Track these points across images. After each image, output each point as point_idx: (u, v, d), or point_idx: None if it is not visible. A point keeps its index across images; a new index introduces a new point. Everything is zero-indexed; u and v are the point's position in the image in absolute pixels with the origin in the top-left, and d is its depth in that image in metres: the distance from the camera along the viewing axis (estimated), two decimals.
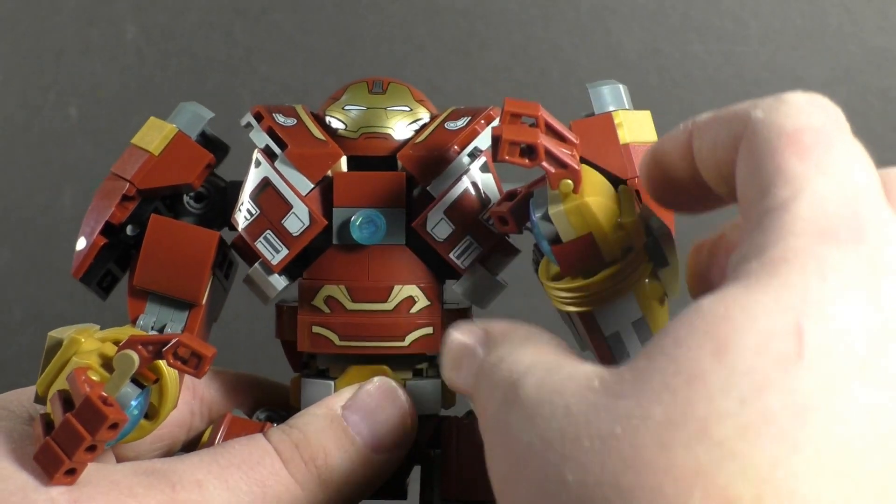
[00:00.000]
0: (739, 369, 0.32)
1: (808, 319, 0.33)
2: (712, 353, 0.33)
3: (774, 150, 0.36)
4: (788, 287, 0.34)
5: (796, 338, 0.33)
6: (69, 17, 0.99)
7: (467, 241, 0.51)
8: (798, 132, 0.36)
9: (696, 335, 0.33)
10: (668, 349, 0.34)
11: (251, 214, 0.51)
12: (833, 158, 0.36)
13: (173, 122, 0.52)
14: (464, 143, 0.51)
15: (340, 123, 0.52)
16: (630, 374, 0.34)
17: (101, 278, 0.53)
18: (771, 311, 0.33)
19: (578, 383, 0.36)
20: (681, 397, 0.33)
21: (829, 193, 0.35)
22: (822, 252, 0.34)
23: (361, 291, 0.51)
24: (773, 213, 0.35)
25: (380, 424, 0.49)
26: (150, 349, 0.45)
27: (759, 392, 0.32)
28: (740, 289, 0.34)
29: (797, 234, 0.34)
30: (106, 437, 0.43)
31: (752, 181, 0.37)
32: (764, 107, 0.38)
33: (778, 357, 0.32)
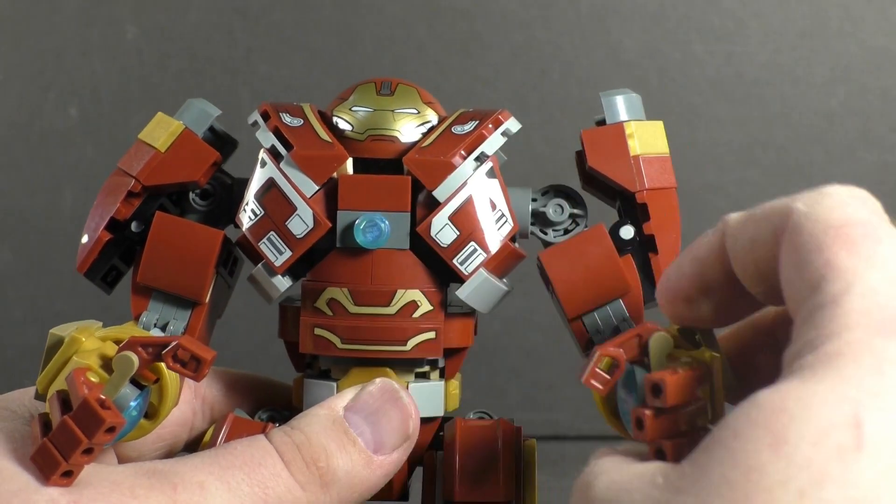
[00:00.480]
0: (797, 462, 0.33)
1: (866, 411, 0.33)
2: (770, 446, 0.33)
3: (822, 244, 0.36)
4: (845, 379, 0.34)
5: (855, 430, 0.33)
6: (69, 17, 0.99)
7: (471, 247, 0.51)
8: (845, 226, 0.37)
9: (753, 427, 0.34)
10: (727, 441, 0.34)
11: (255, 215, 0.51)
12: (882, 251, 0.36)
13: (180, 118, 0.52)
14: (470, 148, 0.51)
15: (347, 125, 0.52)
16: (690, 468, 0.35)
17: (105, 273, 0.53)
18: (828, 403, 0.33)
19: (643, 480, 0.36)
20: (739, 491, 0.33)
21: (881, 286, 0.35)
22: (878, 345, 0.34)
23: (364, 295, 0.51)
24: (825, 308, 0.35)
25: (382, 426, 0.49)
26: (150, 351, 0.45)
27: (817, 485, 0.32)
28: (797, 381, 0.34)
29: (851, 327, 0.35)
30: (103, 441, 0.43)
31: (801, 277, 0.37)
32: (805, 201, 0.38)
33: (836, 449, 0.33)
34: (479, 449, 0.51)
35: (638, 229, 0.51)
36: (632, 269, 0.51)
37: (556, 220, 0.52)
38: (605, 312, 0.51)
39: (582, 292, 0.50)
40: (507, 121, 0.52)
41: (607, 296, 0.51)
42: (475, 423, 0.52)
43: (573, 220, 0.53)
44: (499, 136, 0.51)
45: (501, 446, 0.51)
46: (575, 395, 0.97)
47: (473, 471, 0.50)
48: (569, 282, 0.51)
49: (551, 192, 0.53)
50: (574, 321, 0.51)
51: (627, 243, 0.51)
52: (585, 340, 0.51)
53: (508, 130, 0.52)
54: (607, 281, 0.50)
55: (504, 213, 0.51)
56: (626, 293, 0.51)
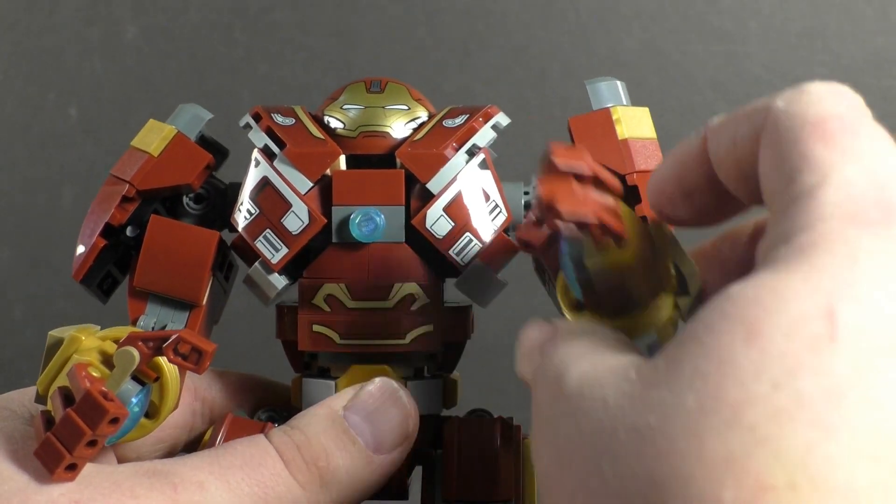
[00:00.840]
0: (771, 353, 0.32)
1: (840, 302, 0.33)
2: (743, 338, 0.33)
3: (798, 138, 0.36)
4: (819, 270, 0.33)
5: (828, 320, 0.32)
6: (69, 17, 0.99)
7: (467, 238, 0.51)
8: (822, 120, 0.36)
9: (726, 320, 0.33)
10: (700, 335, 0.33)
11: (251, 214, 0.51)
12: (859, 144, 0.36)
13: (172, 123, 0.52)
14: (462, 141, 0.51)
15: (339, 123, 0.52)
16: (663, 362, 0.34)
17: (101, 280, 0.53)
18: (802, 295, 0.33)
19: (616, 375, 0.36)
20: (712, 383, 0.32)
21: (857, 177, 0.35)
22: (852, 235, 0.34)
23: (362, 289, 0.51)
24: (800, 200, 0.35)
25: (381, 425, 0.49)
26: (151, 345, 0.45)
27: (791, 376, 0.32)
28: (770, 273, 0.34)
29: (826, 218, 0.34)
30: (107, 432, 0.43)
31: (777, 170, 0.36)
32: (785, 97, 0.38)
33: (810, 340, 0.32)
34: (479, 447, 0.51)
35: None
36: None
37: None
38: None
39: None
40: (496, 115, 0.52)
41: None
42: (474, 422, 0.52)
43: None
44: (489, 130, 0.52)
45: (501, 445, 0.51)
46: None
47: (473, 469, 0.50)
48: None
49: None
50: None
51: None
52: None
53: (499, 124, 0.52)
54: None
55: (498, 204, 0.51)
56: None
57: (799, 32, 0.99)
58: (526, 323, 0.44)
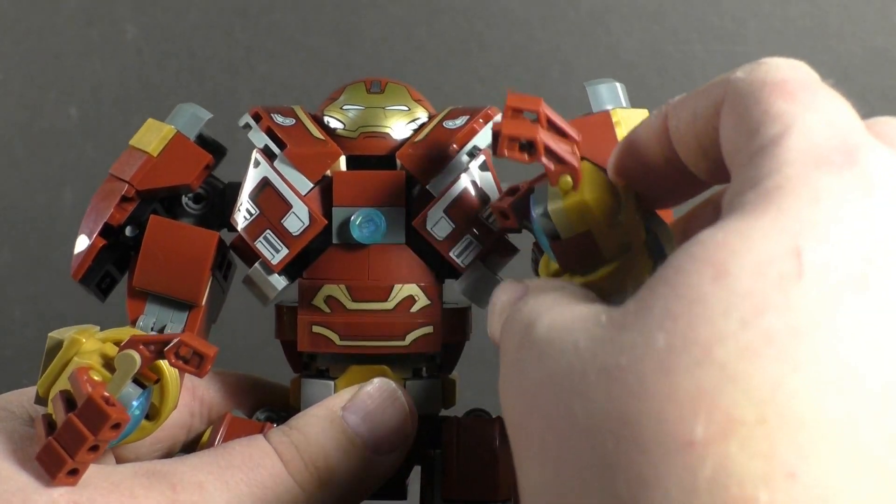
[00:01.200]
0: (739, 291, 0.33)
1: (805, 240, 0.33)
2: (712, 278, 0.33)
3: (759, 97, 0.37)
4: (785, 211, 0.34)
5: (794, 258, 0.33)
6: (69, 17, 0.99)
7: (467, 240, 0.51)
8: (783, 81, 0.37)
9: (695, 262, 0.34)
10: (669, 277, 0.34)
11: (251, 214, 0.51)
12: (819, 99, 0.37)
13: (171, 123, 0.52)
14: (463, 142, 0.51)
15: (339, 123, 0.52)
16: (634, 305, 0.35)
17: (99, 280, 0.53)
18: (768, 235, 0.33)
19: (586, 320, 0.36)
20: (682, 322, 0.33)
21: (819, 126, 0.36)
22: (816, 177, 0.34)
23: (362, 291, 0.51)
24: (764, 150, 0.36)
25: (380, 425, 0.49)
26: (152, 349, 0.45)
27: (759, 313, 0.32)
28: (737, 218, 0.34)
29: (790, 163, 0.35)
30: (108, 437, 0.43)
31: (739, 129, 0.37)
32: (744, 69, 0.39)
33: (777, 278, 0.33)
34: (478, 447, 0.51)
35: None
36: None
37: None
38: None
39: None
40: (496, 116, 0.52)
41: None
42: (473, 422, 0.52)
43: None
44: (489, 131, 0.52)
45: (499, 445, 0.51)
46: None
47: (472, 469, 0.50)
48: None
49: None
50: None
51: None
52: None
53: None
54: None
55: None
56: None
57: (799, 32, 0.99)
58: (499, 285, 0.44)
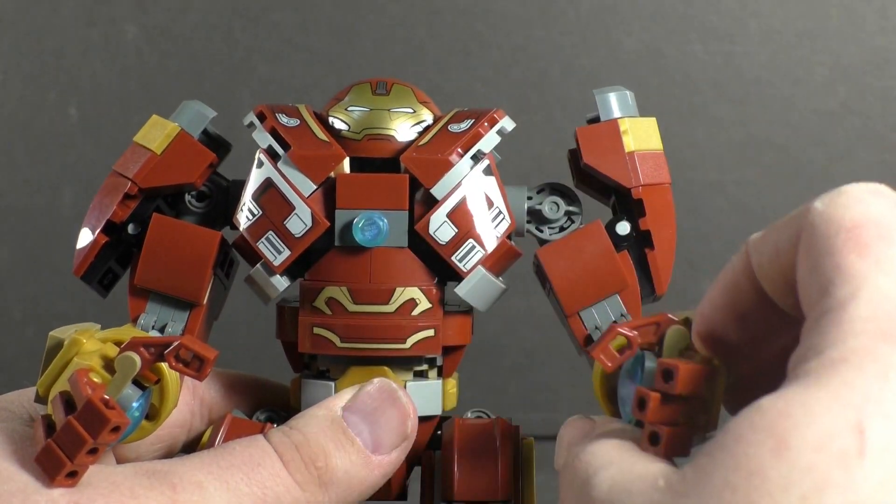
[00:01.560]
0: (800, 467, 0.33)
1: (869, 418, 0.33)
2: (772, 450, 0.33)
3: (833, 247, 0.36)
4: (848, 386, 0.34)
5: (857, 436, 0.33)
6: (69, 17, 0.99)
7: (470, 244, 0.51)
8: (857, 227, 0.36)
9: (756, 432, 0.34)
10: (729, 446, 0.34)
11: (253, 215, 0.51)
12: (893, 255, 0.36)
13: (176, 120, 0.52)
14: (467, 146, 0.51)
15: (343, 124, 0.52)
16: (692, 472, 0.35)
17: (101, 276, 0.53)
18: (831, 410, 0.33)
19: (645, 483, 0.36)
20: (741, 494, 0.33)
21: (888, 292, 0.35)
22: (882, 351, 0.34)
23: (363, 293, 0.51)
24: (832, 313, 0.35)
25: (380, 426, 0.49)
26: (152, 351, 0.45)
27: (819, 491, 0.32)
28: (800, 387, 0.34)
29: (856, 334, 0.35)
30: (107, 440, 0.43)
31: (812, 279, 0.37)
32: (823, 199, 0.38)
33: (839, 455, 0.33)
34: (478, 448, 0.51)
35: (634, 225, 0.52)
36: (629, 265, 0.51)
37: (551, 217, 0.53)
38: (603, 308, 0.51)
39: (580, 288, 0.51)
40: (502, 119, 0.52)
41: (605, 291, 0.51)
42: (473, 423, 0.52)
43: (569, 218, 0.53)
44: (494, 135, 0.51)
45: (499, 445, 0.51)
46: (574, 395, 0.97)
47: (471, 470, 0.50)
48: (567, 278, 0.51)
49: (547, 189, 0.53)
50: (571, 317, 0.51)
51: (623, 239, 0.52)
52: (583, 337, 0.51)
53: (504, 129, 0.52)
54: (605, 276, 0.51)
55: (501, 211, 0.51)
56: (624, 289, 0.51)
57: (799, 32, 0.99)
58: (567, 421, 0.44)
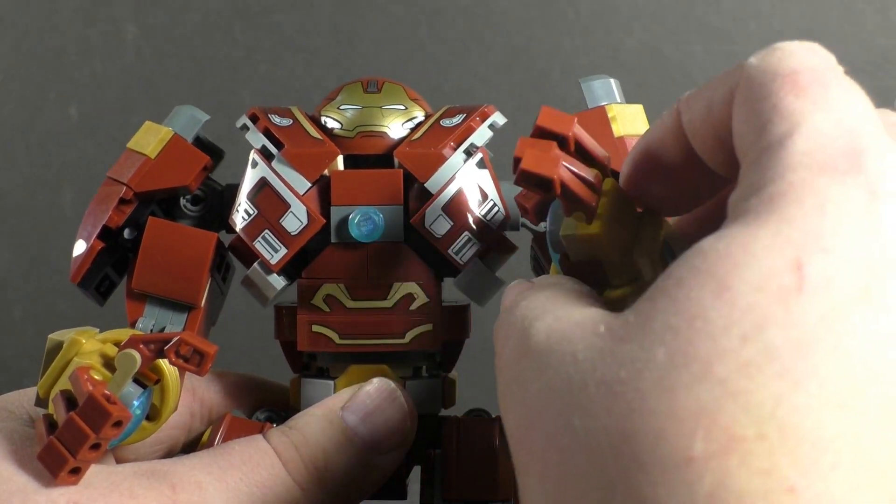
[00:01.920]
0: (740, 306, 0.32)
1: (807, 253, 0.33)
2: (713, 292, 0.33)
3: (770, 90, 0.36)
4: (787, 222, 0.33)
5: (796, 272, 0.32)
6: (69, 17, 0.99)
7: (466, 237, 0.51)
8: (794, 73, 0.36)
9: (696, 275, 0.33)
10: (670, 290, 0.34)
11: (249, 215, 0.51)
12: (831, 94, 0.36)
13: (169, 125, 0.52)
14: (460, 140, 0.51)
15: (336, 123, 0.52)
16: (634, 317, 0.34)
17: (98, 283, 0.53)
18: (770, 247, 0.33)
19: (585, 329, 0.36)
20: (682, 337, 0.33)
21: (827, 126, 0.35)
22: (821, 184, 0.34)
23: (361, 289, 0.51)
24: (770, 150, 0.35)
25: (379, 425, 0.49)
26: (152, 348, 0.45)
27: (759, 328, 0.32)
28: (739, 226, 0.34)
29: (794, 168, 0.34)
30: (110, 435, 0.43)
31: (749, 123, 0.36)
32: (757, 55, 0.38)
33: (778, 292, 0.32)
34: (477, 447, 0.51)
35: None
36: None
37: None
38: None
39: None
40: (493, 114, 0.52)
41: None
42: (473, 421, 0.52)
43: None
44: (486, 129, 0.52)
45: (499, 444, 0.51)
46: None
47: (471, 469, 0.50)
48: None
49: None
50: None
51: None
52: None
53: (495, 123, 0.52)
54: None
55: (496, 203, 0.51)
56: None
57: (799, 32, 0.99)
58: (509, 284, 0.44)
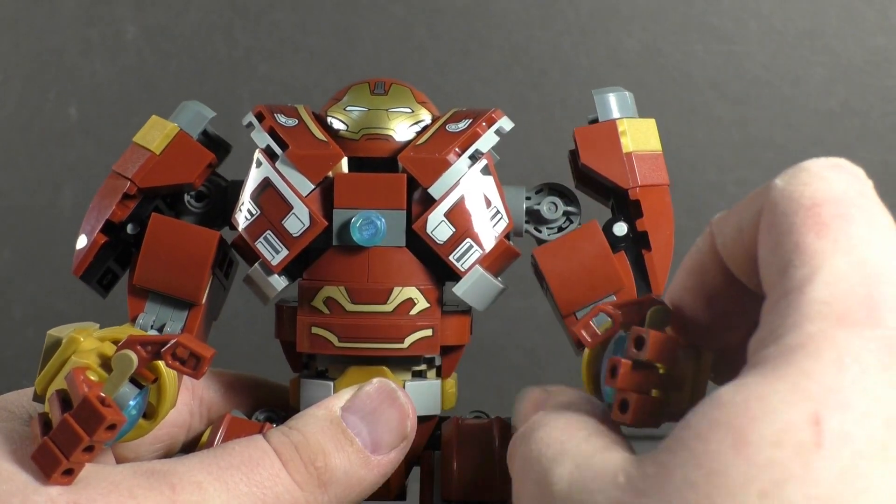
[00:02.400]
0: (759, 462, 0.33)
1: (825, 408, 0.33)
2: (732, 447, 0.33)
3: (793, 225, 0.36)
4: (805, 375, 0.33)
5: (814, 428, 0.33)
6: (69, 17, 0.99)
7: (467, 244, 0.51)
8: (817, 206, 0.36)
9: (716, 428, 0.34)
10: (689, 443, 0.34)
11: (251, 214, 0.51)
12: (852, 233, 0.36)
13: (175, 120, 0.52)
14: (465, 146, 0.51)
15: (342, 124, 0.52)
16: (653, 468, 0.35)
17: (101, 276, 0.53)
18: (788, 401, 0.33)
19: (605, 480, 0.36)
20: (702, 493, 0.33)
21: (846, 273, 0.35)
22: (839, 338, 0.34)
23: (361, 293, 0.51)
24: (790, 296, 0.35)
25: (379, 426, 0.49)
26: (149, 349, 0.45)
27: (778, 485, 0.32)
28: (758, 377, 0.34)
29: (813, 318, 0.34)
30: (104, 438, 0.43)
31: (772, 258, 0.36)
32: (784, 176, 0.37)
33: (797, 448, 0.33)
34: (477, 448, 0.51)
35: (631, 226, 0.52)
36: (625, 265, 0.51)
37: (550, 217, 0.53)
38: None
39: (576, 288, 0.51)
40: (500, 119, 0.52)
41: (601, 292, 0.51)
42: (472, 423, 0.52)
43: (567, 218, 0.53)
44: (492, 135, 0.51)
45: (499, 445, 0.51)
46: None
47: (471, 470, 0.50)
48: (563, 278, 0.51)
49: (545, 190, 0.53)
50: (568, 318, 0.51)
51: (621, 240, 0.52)
52: None
53: (502, 129, 0.52)
54: (601, 277, 0.51)
55: (499, 210, 0.51)
56: (620, 289, 0.51)
57: (799, 32, 0.99)
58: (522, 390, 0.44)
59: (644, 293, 0.51)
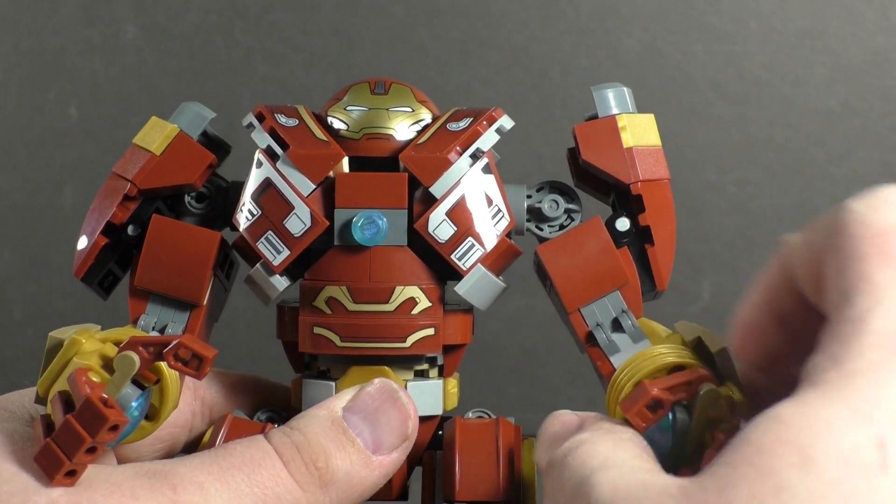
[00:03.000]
0: (827, 480, 0.33)
1: (889, 432, 0.34)
2: (799, 464, 0.34)
3: (859, 252, 0.37)
4: (868, 400, 0.35)
5: (880, 451, 0.34)
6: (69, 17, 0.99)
7: (469, 243, 0.51)
8: (884, 234, 0.37)
9: (780, 445, 0.34)
10: (752, 458, 0.34)
11: (252, 215, 0.51)
12: None
13: (175, 121, 0.52)
14: (466, 145, 0.51)
15: (342, 124, 0.52)
16: (712, 482, 0.35)
17: (102, 278, 0.53)
18: (854, 424, 0.34)
19: (654, 490, 0.36)
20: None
21: None
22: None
23: (363, 292, 0.51)
24: (852, 323, 0.36)
25: (381, 426, 0.49)
26: (151, 350, 0.45)
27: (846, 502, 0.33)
28: (819, 398, 0.35)
29: (873, 347, 0.36)
30: (106, 439, 0.43)
31: (837, 283, 0.38)
32: (857, 200, 0.38)
33: (863, 469, 0.34)
34: (479, 448, 0.51)
35: (633, 221, 0.52)
36: (629, 261, 0.51)
37: (551, 215, 0.53)
38: (604, 304, 0.51)
39: (580, 285, 0.51)
40: (500, 118, 0.52)
41: (605, 287, 0.51)
42: (474, 422, 0.52)
43: (568, 216, 0.53)
44: (493, 133, 0.51)
45: (501, 445, 0.51)
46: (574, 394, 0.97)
47: (473, 470, 0.50)
48: (567, 275, 0.51)
49: (546, 187, 0.53)
50: (573, 314, 0.51)
51: (623, 235, 0.52)
52: (585, 333, 0.51)
53: (502, 127, 0.52)
54: (605, 272, 0.51)
55: (501, 209, 0.51)
56: (625, 284, 0.51)
57: (799, 32, 0.99)
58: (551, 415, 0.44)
59: (648, 288, 0.52)
